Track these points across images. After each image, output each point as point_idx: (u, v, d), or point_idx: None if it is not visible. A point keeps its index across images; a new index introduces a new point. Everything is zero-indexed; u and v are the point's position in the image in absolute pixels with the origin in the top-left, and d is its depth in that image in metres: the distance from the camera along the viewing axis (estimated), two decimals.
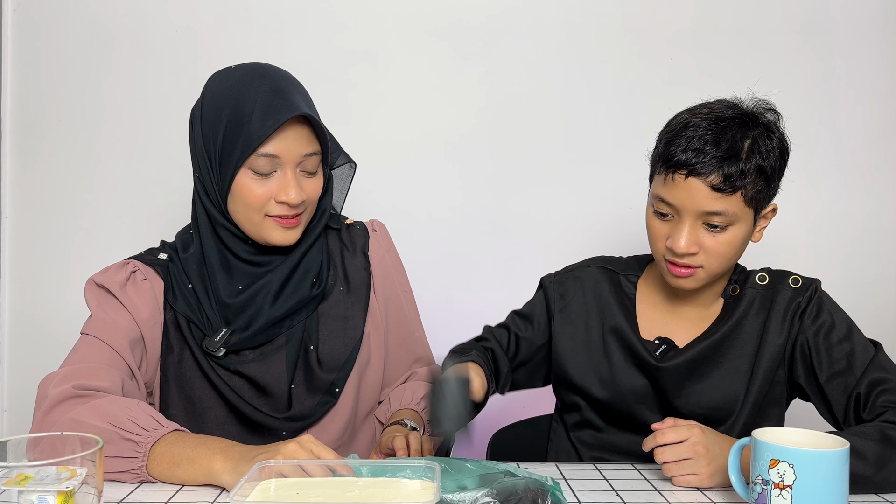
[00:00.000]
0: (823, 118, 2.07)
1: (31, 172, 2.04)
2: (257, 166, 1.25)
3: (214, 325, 1.31)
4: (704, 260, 1.24)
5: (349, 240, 1.44)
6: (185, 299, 1.32)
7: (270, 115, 1.23)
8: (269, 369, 1.31)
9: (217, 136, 1.27)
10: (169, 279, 1.33)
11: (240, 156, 1.24)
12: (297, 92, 1.29)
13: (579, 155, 2.06)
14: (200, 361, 1.30)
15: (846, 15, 2.07)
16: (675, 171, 1.22)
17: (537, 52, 2.05)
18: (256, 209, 1.27)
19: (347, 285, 1.40)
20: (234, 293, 1.32)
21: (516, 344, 1.42)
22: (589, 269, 1.45)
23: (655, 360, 1.33)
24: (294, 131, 1.25)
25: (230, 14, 2.02)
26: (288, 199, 1.25)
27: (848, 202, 2.09)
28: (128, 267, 1.33)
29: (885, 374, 1.22)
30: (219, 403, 1.31)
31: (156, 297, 1.32)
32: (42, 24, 2.02)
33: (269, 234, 1.29)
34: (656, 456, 1.14)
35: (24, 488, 0.79)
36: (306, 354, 1.33)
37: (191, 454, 1.09)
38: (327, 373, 1.33)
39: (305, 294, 1.34)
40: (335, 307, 1.37)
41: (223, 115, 1.26)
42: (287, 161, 1.26)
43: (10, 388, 2.07)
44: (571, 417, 1.44)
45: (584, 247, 1.98)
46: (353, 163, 1.43)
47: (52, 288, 2.04)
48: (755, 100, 1.28)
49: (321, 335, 1.35)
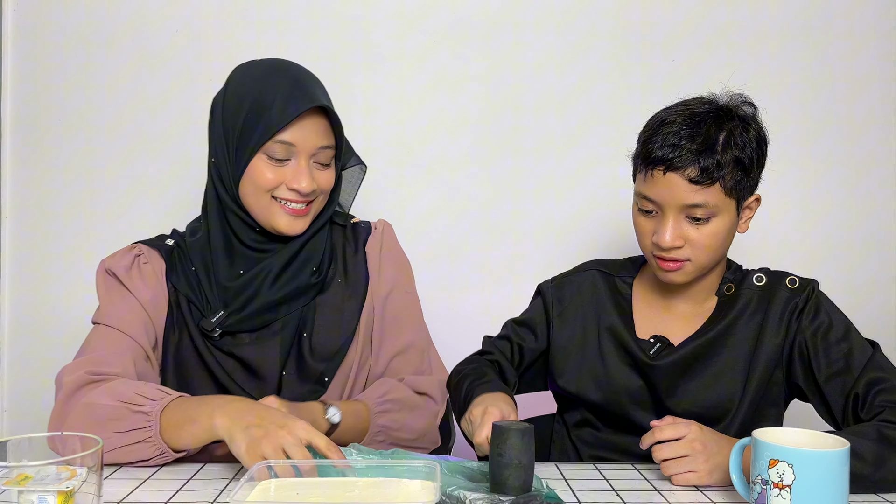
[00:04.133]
0: (822, 117, 2.07)
1: (31, 172, 2.04)
2: (273, 151, 1.30)
3: (213, 307, 1.34)
4: (691, 253, 1.26)
5: (353, 237, 1.47)
6: (186, 280, 1.36)
7: (291, 103, 1.29)
8: (262, 353, 1.34)
9: (237, 121, 1.32)
10: (172, 261, 1.38)
11: (258, 140, 1.29)
12: (318, 87, 1.35)
13: (579, 155, 2.06)
14: (197, 342, 1.34)
15: (846, 15, 2.06)
16: (654, 168, 1.25)
17: (537, 52, 2.05)
18: (266, 191, 1.31)
19: (346, 279, 1.42)
20: (233, 276, 1.35)
21: (520, 353, 1.44)
22: (585, 272, 1.46)
23: (650, 359, 1.33)
24: (312, 123, 1.31)
25: (230, 14, 2.01)
26: (299, 186, 1.30)
27: (846, 202, 2.09)
28: (133, 251, 1.38)
29: (882, 373, 1.23)
30: (209, 385, 1.34)
31: (158, 278, 1.36)
32: (42, 24, 2.02)
33: (277, 220, 1.32)
34: (654, 453, 1.15)
35: (24, 488, 0.79)
36: (300, 342, 1.35)
37: (192, 414, 1.13)
38: (318, 362, 1.35)
39: (304, 281, 1.36)
40: (332, 299, 1.39)
41: (245, 102, 1.31)
42: (302, 150, 1.31)
43: (10, 388, 2.07)
44: (571, 417, 1.44)
45: (584, 247, 1.99)
46: (363, 165, 1.48)
47: (52, 288, 2.04)
48: (731, 94, 1.30)
49: (316, 324, 1.37)
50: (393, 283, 1.45)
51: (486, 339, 1.47)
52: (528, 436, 0.99)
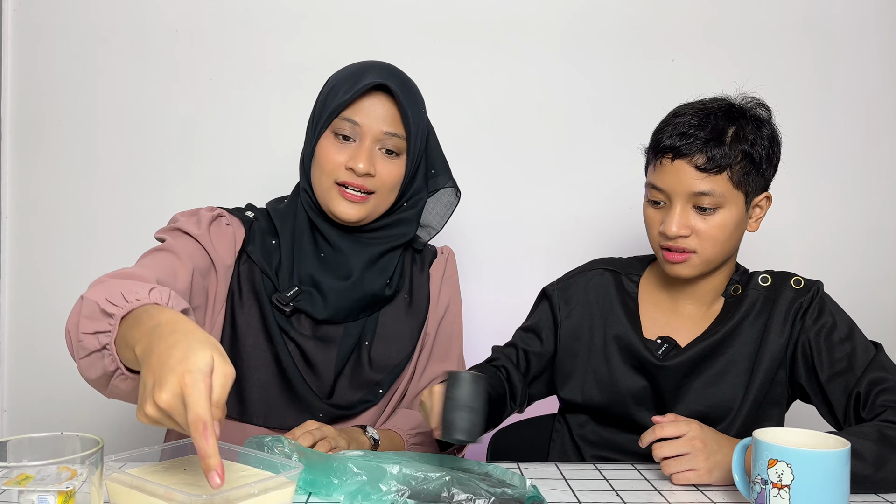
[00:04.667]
0: (824, 118, 2.07)
1: (31, 172, 2.04)
2: (339, 128, 1.31)
3: (289, 283, 1.34)
4: (697, 244, 1.26)
5: (420, 259, 1.47)
6: (265, 252, 1.36)
7: (358, 82, 1.31)
8: (323, 351, 1.33)
9: (319, 104, 1.36)
10: (251, 232, 1.38)
11: (327, 118, 1.32)
12: (394, 78, 1.34)
13: (580, 155, 2.06)
14: (266, 316, 1.32)
15: (847, 15, 2.06)
16: (663, 156, 1.27)
17: (537, 52, 2.05)
18: (328, 173, 1.32)
19: (411, 298, 1.43)
20: (314, 262, 1.35)
21: (526, 360, 1.42)
22: (591, 272, 1.45)
23: (657, 360, 1.33)
24: (381, 106, 1.32)
25: (230, 15, 2.01)
26: (355, 166, 1.30)
27: (849, 202, 2.09)
28: (215, 212, 1.37)
29: (885, 373, 1.23)
30: (267, 364, 1.31)
31: (235, 243, 1.35)
32: (42, 24, 2.02)
33: (335, 204, 1.32)
34: (654, 451, 1.14)
35: (24, 488, 0.79)
36: (359, 350, 1.36)
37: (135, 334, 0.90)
38: (375, 372, 1.36)
39: (378, 289, 1.37)
40: (397, 313, 1.40)
41: (328, 88, 1.36)
42: (367, 132, 1.31)
43: (10, 388, 2.07)
44: (575, 418, 1.44)
45: (585, 247, 1.99)
46: (458, 190, 1.47)
47: (52, 288, 2.04)
48: (746, 97, 1.32)
49: (378, 336, 1.37)
50: (448, 310, 1.47)
51: (495, 349, 1.46)
52: (479, 381, 1.01)
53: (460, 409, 0.99)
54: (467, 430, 0.99)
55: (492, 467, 1.07)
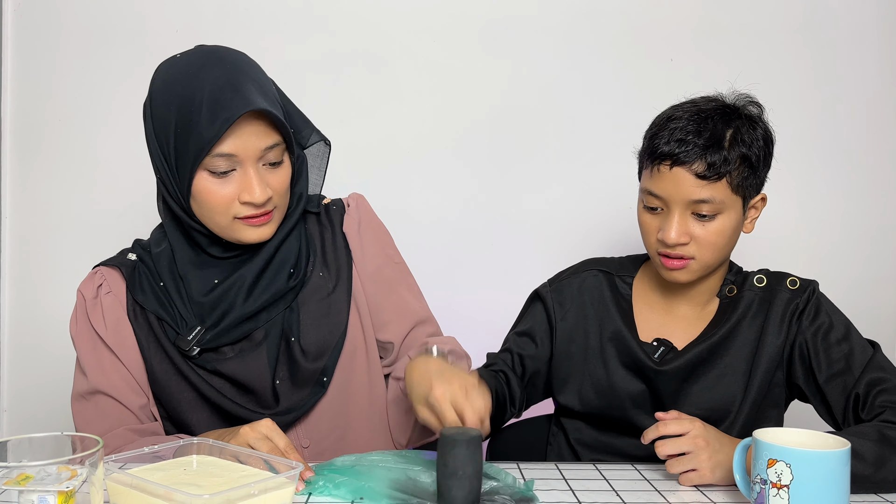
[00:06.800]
0: (823, 117, 2.07)
1: (31, 172, 2.04)
2: (214, 166, 1.17)
3: (189, 323, 1.25)
4: (696, 251, 1.25)
5: (328, 220, 1.37)
6: (155, 297, 1.27)
7: (220, 112, 1.14)
8: (248, 367, 1.26)
9: (168, 136, 1.19)
10: (134, 279, 1.29)
11: (194, 158, 1.16)
12: (248, 79, 1.19)
13: (579, 155, 2.06)
14: (177, 362, 1.25)
15: (846, 15, 2.06)
16: (661, 163, 1.24)
17: (537, 52, 2.05)
18: (221, 212, 1.20)
19: (327, 269, 1.33)
20: (206, 290, 1.25)
21: (522, 364, 1.40)
22: (584, 273, 1.44)
23: (654, 364, 1.32)
24: (250, 126, 1.17)
25: (230, 14, 2.01)
26: (252, 198, 1.18)
27: (847, 202, 2.09)
28: (95, 278, 1.31)
29: (883, 374, 1.23)
30: (199, 404, 1.26)
31: (121, 303, 1.28)
32: (42, 24, 2.02)
33: (242, 234, 1.22)
34: (657, 448, 1.14)
35: (24, 488, 0.79)
36: (288, 347, 1.27)
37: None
38: (313, 363, 1.27)
39: (282, 286, 1.27)
40: (316, 294, 1.30)
41: (171, 112, 1.18)
42: (246, 158, 1.18)
43: (10, 388, 2.07)
44: (572, 423, 1.43)
45: (584, 246, 1.98)
46: (326, 140, 1.35)
47: (52, 288, 2.04)
48: (737, 94, 1.30)
49: (303, 325, 1.28)
50: (379, 257, 1.37)
51: (490, 355, 1.44)
52: (473, 445, 0.95)
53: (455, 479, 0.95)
54: (463, 498, 0.96)
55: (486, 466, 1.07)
